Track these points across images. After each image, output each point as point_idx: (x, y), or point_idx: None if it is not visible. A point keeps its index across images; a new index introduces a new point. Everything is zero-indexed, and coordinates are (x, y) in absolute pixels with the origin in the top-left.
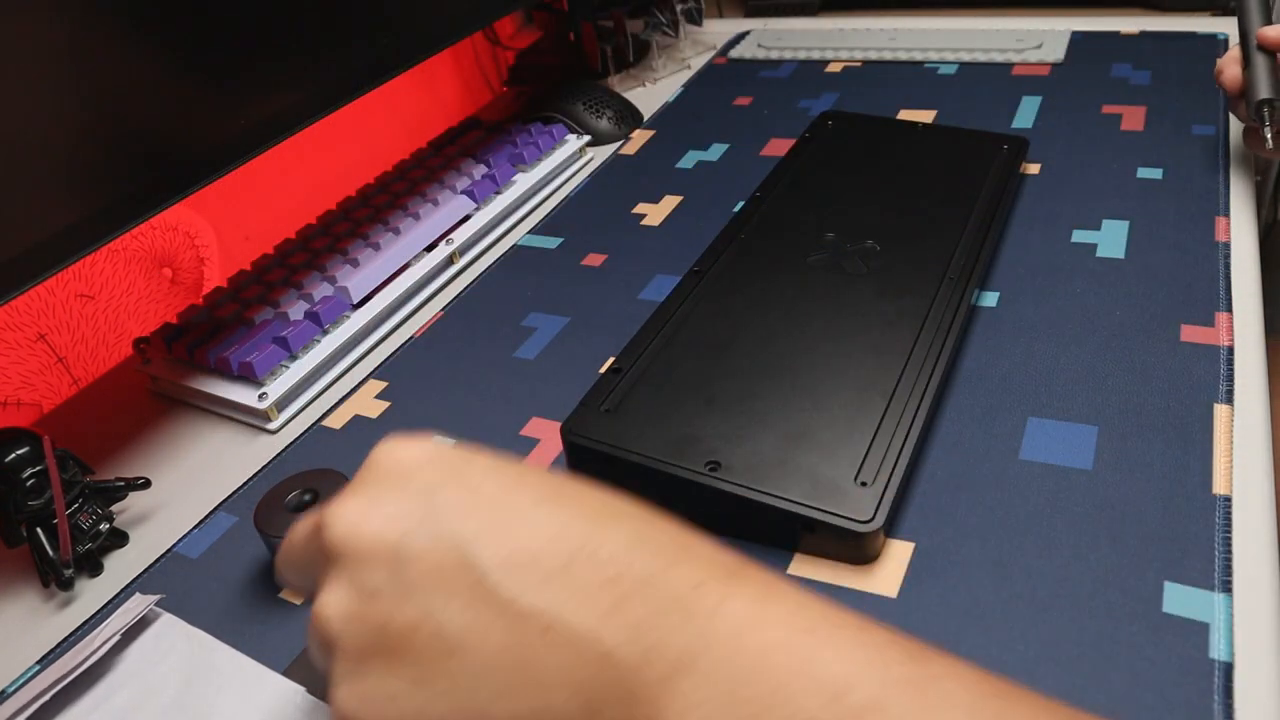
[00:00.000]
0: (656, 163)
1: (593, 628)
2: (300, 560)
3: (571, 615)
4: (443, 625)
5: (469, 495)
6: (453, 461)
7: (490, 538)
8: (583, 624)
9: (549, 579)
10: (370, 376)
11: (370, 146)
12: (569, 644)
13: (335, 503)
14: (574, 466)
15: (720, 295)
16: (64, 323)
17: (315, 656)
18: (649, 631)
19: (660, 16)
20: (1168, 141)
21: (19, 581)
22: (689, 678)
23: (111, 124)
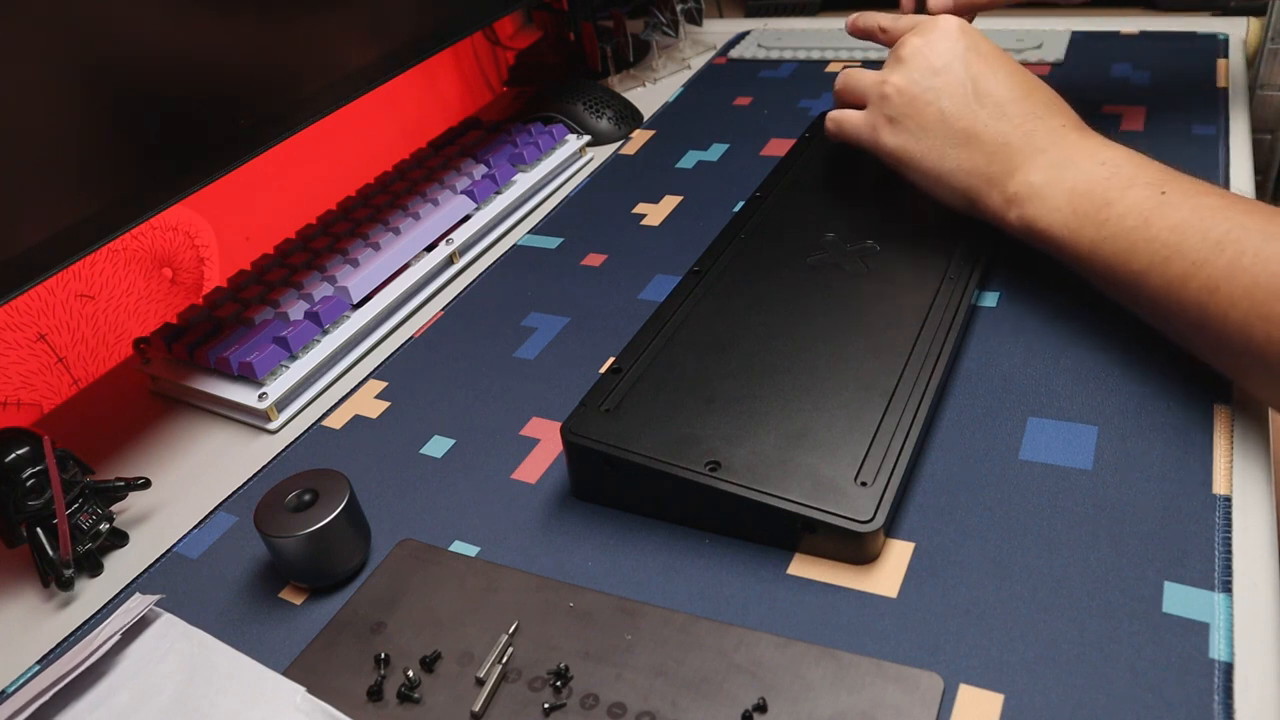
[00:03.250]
0: (656, 163)
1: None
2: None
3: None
4: (943, 108)
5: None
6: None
7: (983, 82)
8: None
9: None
10: (370, 376)
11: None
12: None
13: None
14: (574, 466)
15: (720, 295)
16: (64, 323)
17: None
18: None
19: (660, 16)
20: (1168, 141)
21: (19, 581)
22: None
23: (111, 124)
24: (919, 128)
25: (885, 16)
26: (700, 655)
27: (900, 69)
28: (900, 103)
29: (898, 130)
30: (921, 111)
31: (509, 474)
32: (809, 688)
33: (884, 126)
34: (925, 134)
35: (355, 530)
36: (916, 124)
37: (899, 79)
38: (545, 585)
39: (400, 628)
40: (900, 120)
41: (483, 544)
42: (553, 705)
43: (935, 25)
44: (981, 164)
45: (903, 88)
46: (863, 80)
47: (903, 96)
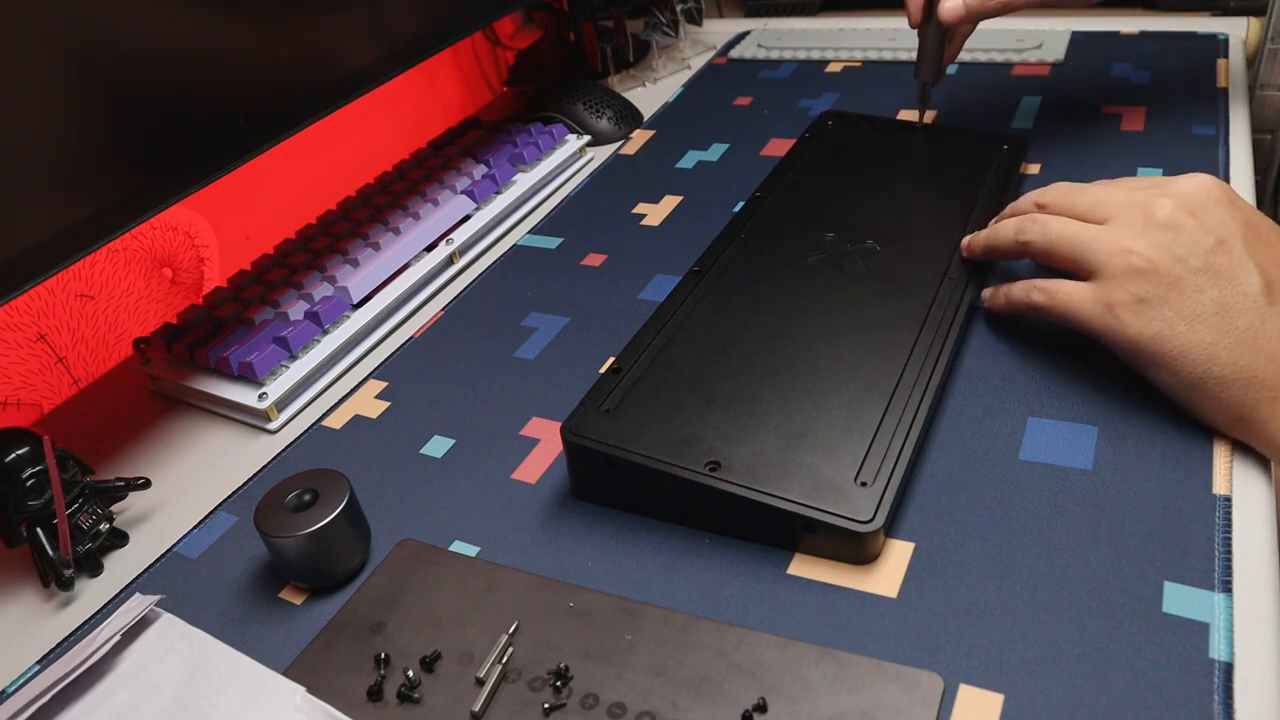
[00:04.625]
0: (656, 163)
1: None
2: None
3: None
4: (1221, 299)
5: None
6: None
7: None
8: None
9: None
10: (370, 376)
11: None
12: None
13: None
14: (574, 466)
15: (720, 295)
16: (64, 323)
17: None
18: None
19: (660, 16)
20: (1168, 141)
21: (19, 581)
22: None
23: (111, 124)
24: (1184, 317)
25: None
26: (700, 655)
27: (1151, 233)
28: (1159, 281)
29: (1150, 315)
30: (1190, 297)
31: (509, 474)
32: (809, 688)
33: (1128, 307)
34: (1192, 326)
35: (355, 530)
36: (1179, 312)
37: (1153, 249)
38: (545, 585)
39: (400, 628)
40: (1154, 304)
41: (483, 544)
42: (553, 705)
43: (1188, 184)
44: (1272, 376)
45: (1162, 262)
46: (1089, 240)
47: (1163, 273)
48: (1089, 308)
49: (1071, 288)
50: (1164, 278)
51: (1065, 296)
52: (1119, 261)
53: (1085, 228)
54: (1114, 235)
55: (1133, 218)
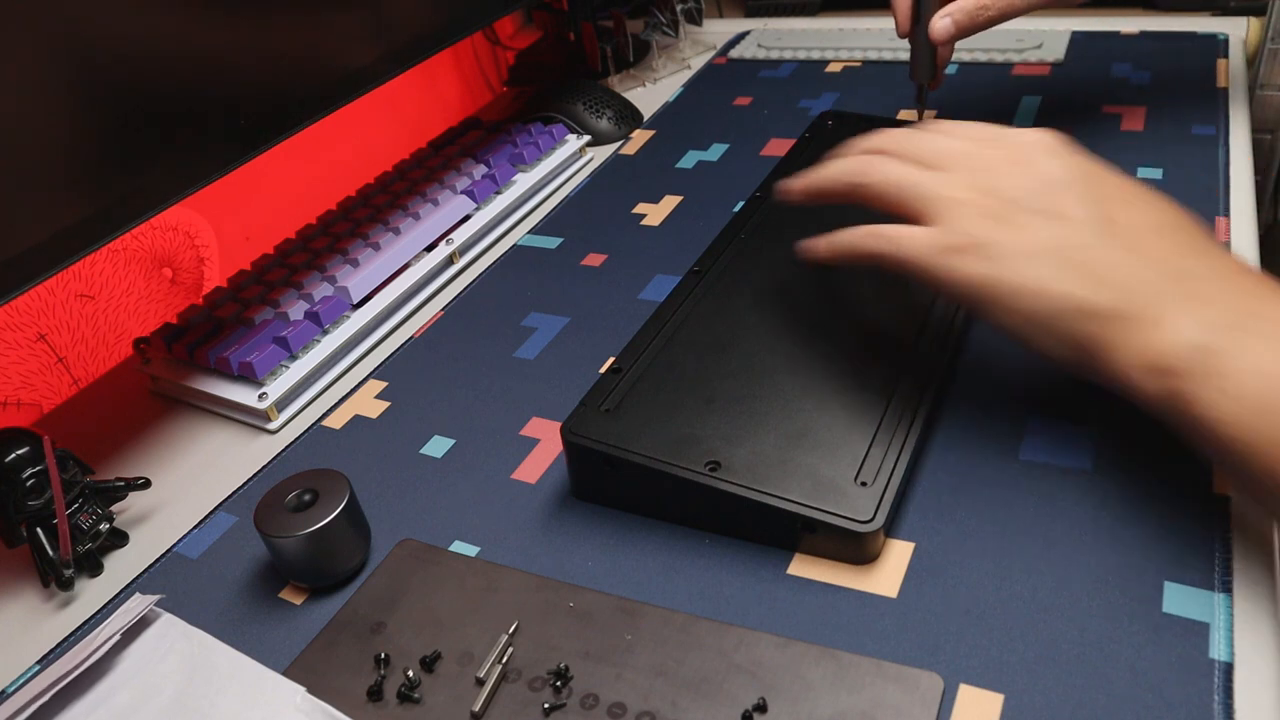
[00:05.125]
0: (656, 163)
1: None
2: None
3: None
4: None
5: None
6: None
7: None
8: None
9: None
10: (370, 376)
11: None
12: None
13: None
14: (574, 466)
15: (720, 295)
16: (64, 323)
17: None
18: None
19: (660, 16)
20: (1168, 141)
21: (19, 581)
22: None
23: (111, 124)
24: (1017, 254)
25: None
26: (700, 655)
27: (987, 178)
28: (988, 219)
29: (985, 256)
30: (1024, 235)
31: (509, 474)
32: (809, 688)
33: (965, 251)
34: (1026, 263)
35: (355, 530)
36: (1014, 251)
37: (988, 194)
38: (545, 585)
39: (400, 628)
40: (989, 246)
41: (483, 544)
42: (553, 705)
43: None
44: (1106, 303)
45: (996, 205)
46: (927, 184)
47: (992, 210)
48: (927, 253)
49: (912, 232)
50: (999, 219)
51: (909, 241)
52: (956, 207)
53: (923, 172)
54: (951, 180)
55: (970, 165)
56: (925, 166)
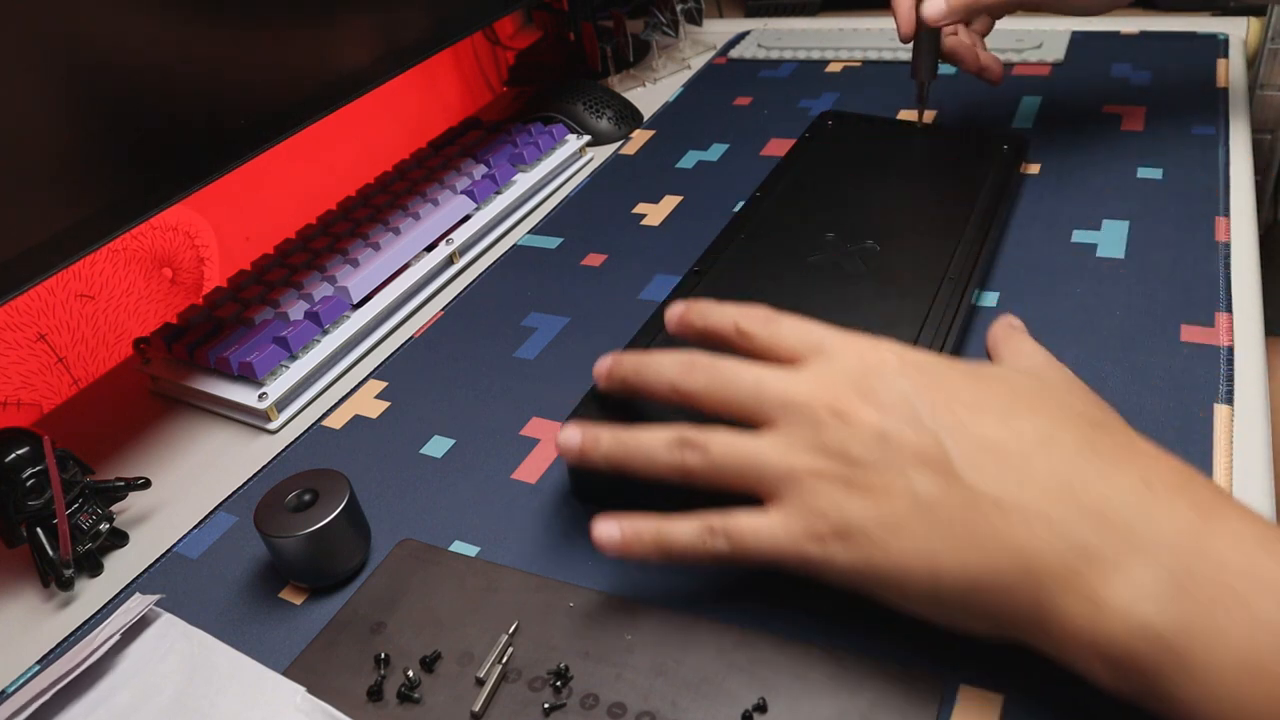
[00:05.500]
0: (656, 163)
1: (1044, 508)
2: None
3: (1024, 496)
4: (916, 490)
5: (944, 398)
6: (932, 372)
7: (960, 432)
8: (1034, 504)
9: (1006, 468)
10: (370, 376)
11: (370, 146)
12: (1020, 518)
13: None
14: (574, 466)
15: (720, 295)
16: (64, 323)
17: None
18: (1101, 518)
19: (660, 16)
20: (1168, 141)
21: (19, 581)
22: (1141, 563)
23: (111, 124)
24: (885, 529)
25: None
26: (700, 655)
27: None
28: (837, 488)
29: (853, 537)
30: (883, 503)
31: (509, 474)
32: (809, 688)
33: (827, 536)
34: (898, 536)
35: (355, 530)
36: (879, 524)
37: (828, 457)
38: (545, 585)
39: (400, 628)
40: (852, 522)
41: (483, 544)
42: (553, 705)
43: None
44: (1014, 574)
45: (830, 461)
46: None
47: (839, 475)
48: (786, 544)
49: (758, 523)
50: (850, 486)
51: (754, 536)
52: (798, 481)
53: (756, 440)
54: (788, 446)
55: (800, 418)
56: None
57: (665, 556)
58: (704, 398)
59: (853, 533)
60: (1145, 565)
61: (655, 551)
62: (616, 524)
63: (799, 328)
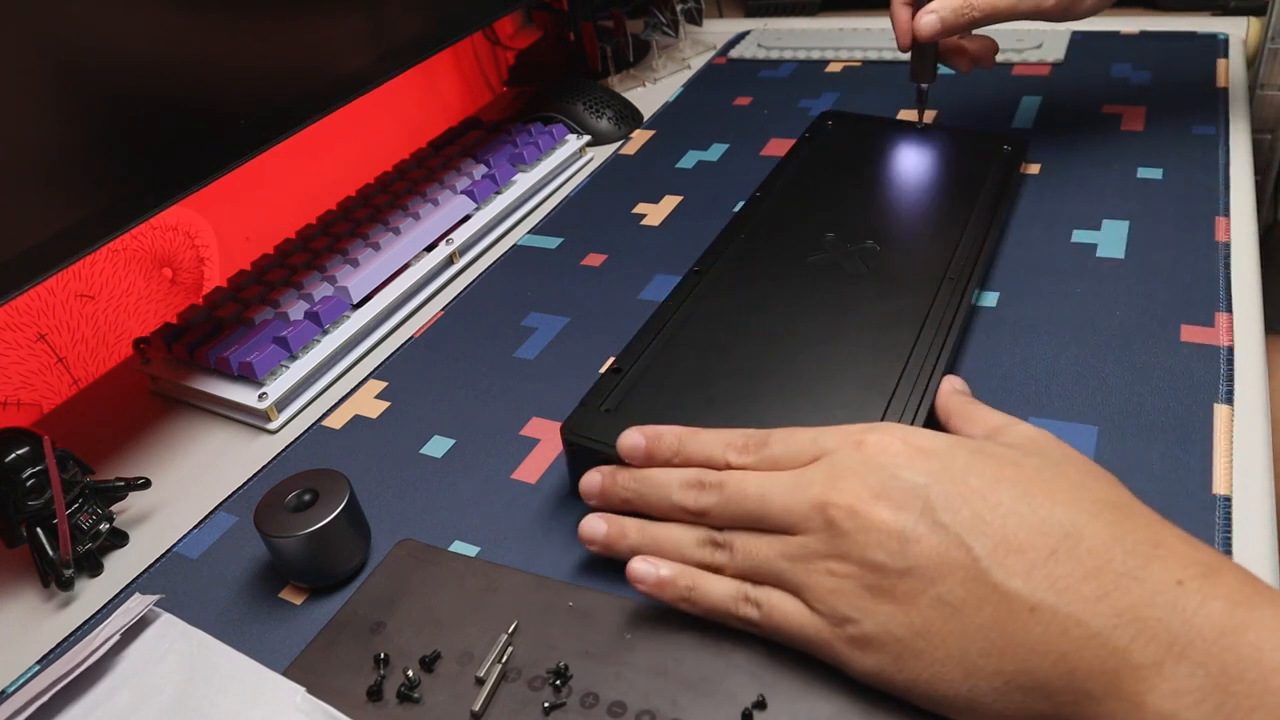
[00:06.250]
0: (656, 163)
1: (1078, 611)
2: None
3: (1056, 599)
4: (942, 595)
5: (959, 489)
6: (940, 457)
7: (981, 529)
8: (1068, 607)
9: (1034, 567)
10: (370, 376)
11: (370, 146)
12: (1054, 622)
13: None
14: (574, 466)
15: (720, 295)
16: (64, 323)
17: None
18: (1136, 620)
19: (660, 16)
20: (1168, 141)
21: (19, 581)
22: (1180, 664)
23: (111, 124)
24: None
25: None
26: (700, 654)
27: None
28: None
29: (878, 642)
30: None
31: (509, 474)
32: (809, 686)
33: (852, 644)
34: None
35: (355, 530)
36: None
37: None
38: (545, 585)
39: (400, 628)
40: (876, 629)
41: (483, 544)
42: (552, 704)
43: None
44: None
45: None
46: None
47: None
48: (815, 638)
49: (791, 608)
50: (875, 593)
51: (785, 619)
52: (821, 582)
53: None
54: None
55: (814, 524)
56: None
57: (691, 606)
58: (715, 516)
59: (882, 639)
60: (1184, 667)
61: (683, 600)
62: (648, 564)
63: (789, 440)
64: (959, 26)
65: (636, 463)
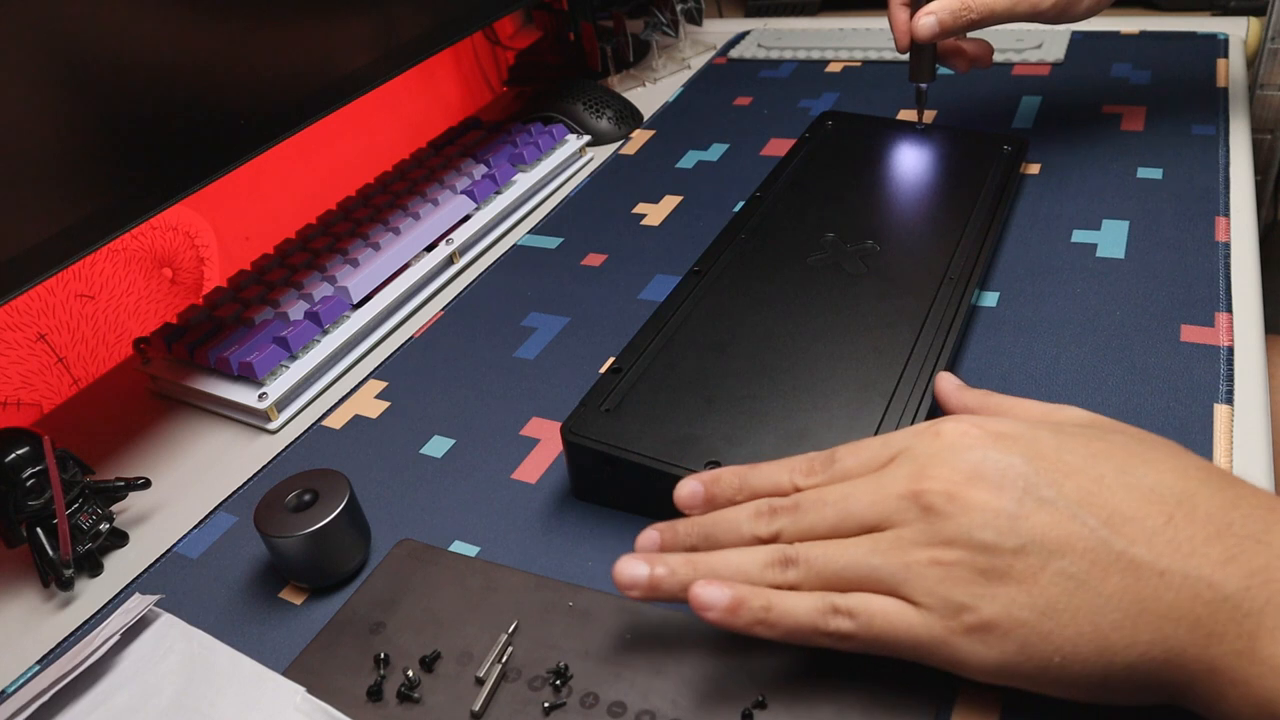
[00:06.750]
0: (656, 163)
1: (1208, 574)
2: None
3: (1184, 563)
4: (1065, 569)
5: (1056, 466)
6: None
7: (1090, 501)
8: (1197, 570)
9: (1154, 534)
10: (370, 376)
11: (370, 146)
12: (1186, 586)
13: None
14: (574, 466)
15: (720, 295)
16: (64, 323)
17: None
18: (1269, 583)
19: (660, 16)
20: (1168, 141)
21: (19, 581)
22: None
23: (111, 124)
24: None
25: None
26: (700, 654)
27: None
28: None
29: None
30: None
31: (509, 474)
32: (808, 686)
33: (969, 633)
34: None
35: (355, 530)
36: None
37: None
38: (545, 585)
39: (400, 628)
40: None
41: (483, 544)
42: (552, 704)
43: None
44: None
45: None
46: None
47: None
48: (926, 638)
49: (891, 608)
50: (990, 576)
51: (887, 622)
52: (925, 573)
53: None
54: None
55: (908, 514)
56: (845, 532)
57: (768, 629)
58: (789, 535)
59: (1005, 624)
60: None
61: (759, 623)
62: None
63: (857, 451)
64: (957, 28)
65: (696, 510)
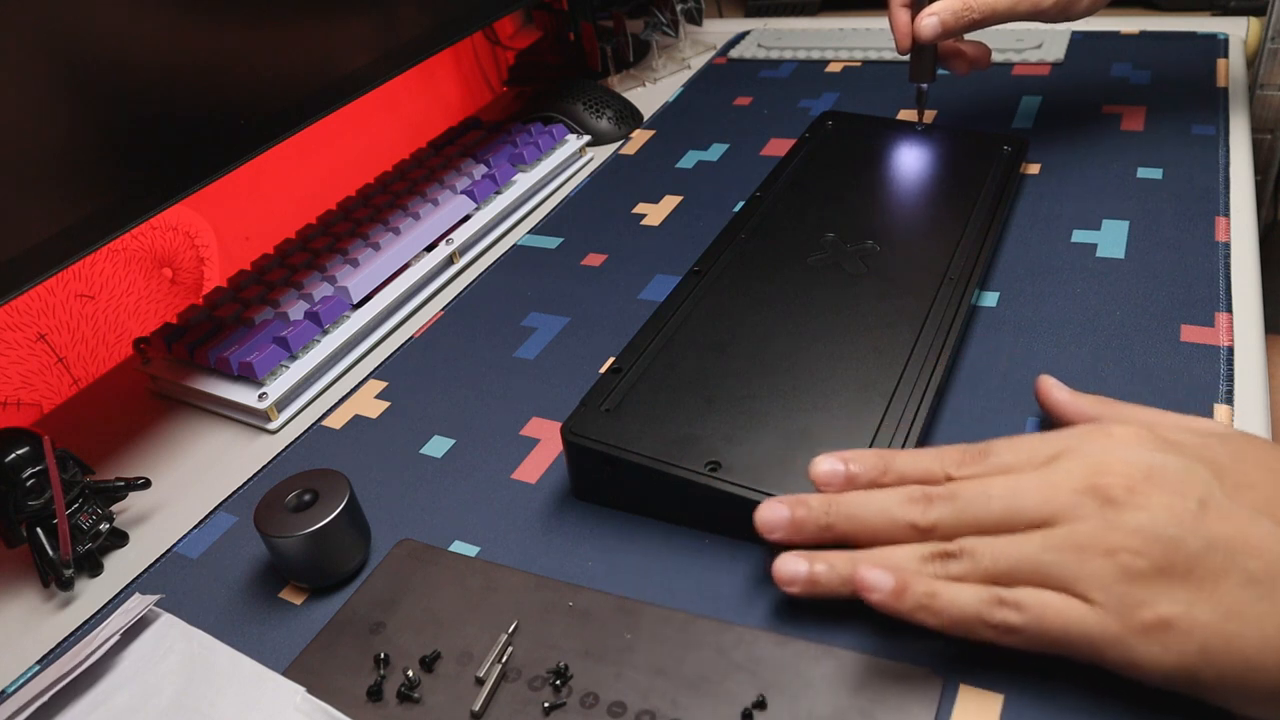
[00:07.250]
0: (656, 163)
1: None
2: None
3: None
4: (1253, 572)
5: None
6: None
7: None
8: None
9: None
10: (370, 376)
11: (370, 146)
12: None
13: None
14: (574, 466)
15: (720, 295)
16: (64, 323)
17: None
18: None
19: (660, 16)
20: (1168, 141)
21: (19, 581)
22: None
23: (112, 124)
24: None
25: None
26: (699, 653)
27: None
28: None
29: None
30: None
31: (509, 474)
32: (808, 686)
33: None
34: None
35: (355, 530)
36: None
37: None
38: (545, 585)
39: (400, 628)
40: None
41: (483, 544)
42: (552, 704)
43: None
44: None
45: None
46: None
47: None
48: (1100, 636)
49: (1063, 604)
50: (1171, 574)
51: (1059, 617)
52: (1102, 568)
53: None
54: (1076, 538)
55: (1083, 509)
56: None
57: (931, 616)
58: (947, 528)
59: (1186, 625)
60: None
61: (921, 609)
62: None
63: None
64: (958, 28)
65: (833, 488)
